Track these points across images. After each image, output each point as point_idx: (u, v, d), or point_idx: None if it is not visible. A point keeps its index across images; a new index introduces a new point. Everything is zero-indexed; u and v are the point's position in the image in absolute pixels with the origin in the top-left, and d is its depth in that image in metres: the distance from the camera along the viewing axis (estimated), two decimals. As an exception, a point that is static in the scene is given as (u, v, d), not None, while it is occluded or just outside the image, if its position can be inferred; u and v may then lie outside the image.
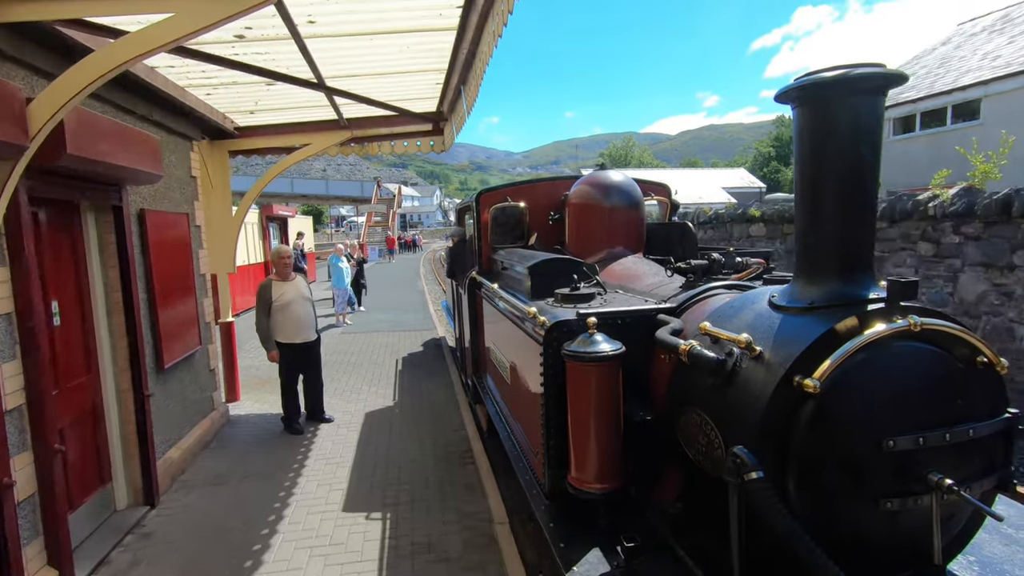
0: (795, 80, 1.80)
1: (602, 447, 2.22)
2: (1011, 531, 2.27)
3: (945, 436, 1.68)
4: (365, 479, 4.66)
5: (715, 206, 15.47)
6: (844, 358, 1.65)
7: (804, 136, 1.83)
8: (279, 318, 5.48)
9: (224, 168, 6.34)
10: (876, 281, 1.84)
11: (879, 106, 1.76)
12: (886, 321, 1.70)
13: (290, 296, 5.50)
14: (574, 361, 2.21)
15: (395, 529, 3.86)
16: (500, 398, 3.95)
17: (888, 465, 1.67)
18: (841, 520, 1.72)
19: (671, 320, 2.40)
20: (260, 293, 5.51)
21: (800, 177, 1.87)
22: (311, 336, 5.71)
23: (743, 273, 2.80)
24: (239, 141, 6.32)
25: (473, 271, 4.86)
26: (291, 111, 5.96)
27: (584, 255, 3.78)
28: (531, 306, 2.80)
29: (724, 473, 1.73)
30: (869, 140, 1.75)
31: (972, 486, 1.74)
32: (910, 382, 1.71)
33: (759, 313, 1.99)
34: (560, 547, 2.27)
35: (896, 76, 1.70)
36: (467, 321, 5.23)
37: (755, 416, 1.74)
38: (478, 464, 4.83)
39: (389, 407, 6.57)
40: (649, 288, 2.98)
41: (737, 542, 1.75)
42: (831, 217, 1.80)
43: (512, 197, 4.68)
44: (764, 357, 1.80)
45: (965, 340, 1.78)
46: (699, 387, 2.05)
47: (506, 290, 3.55)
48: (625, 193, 3.87)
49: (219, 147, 6.24)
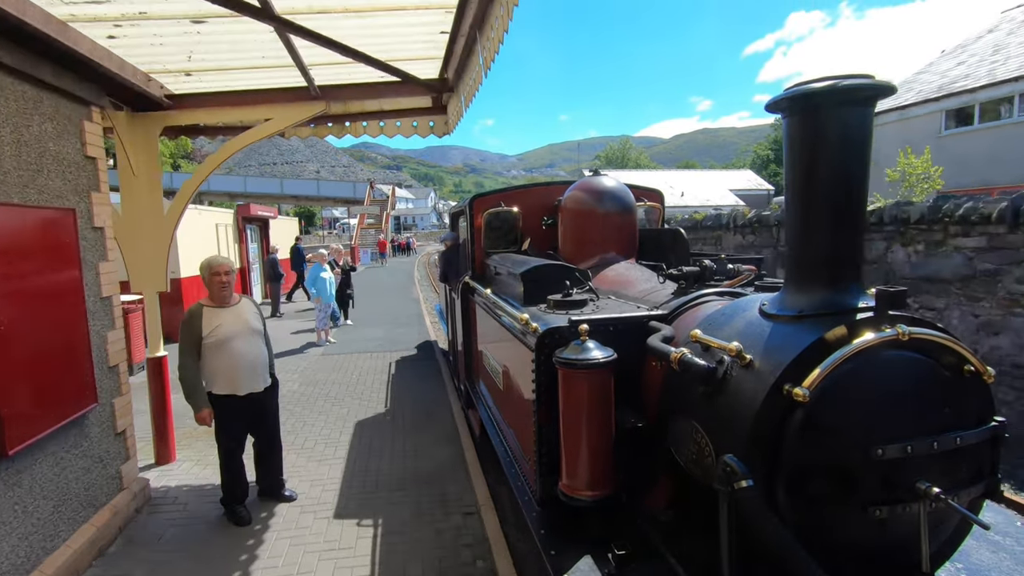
0: (785, 90, 1.82)
1: (593, 454, 2.22)
2: (998, 538, 2.29)
3: (933, 444, 1.69)
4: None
5: (723, 208, 15.03)
6: (833, 367, 1.66)
7: (794, 145, 1.84)
8: (213, 360, 3.76)
9: (152, 150, 4.76)
10: (865, 290, 1.86)
11: (868, 116, 1.77)
12: (875, 330, 1.72)
13: (229, 329, 3.79)
14: (566, 368, 2.21)
15: None
16: (492, 404, 3.94)
17: (877, 473, 1.68)
18: (830, 528, 1.73)
19: (663, 327, 2.41)
20: (185, 325, 3.80)
21: (790, 186, 1.89)
22: (260, 383, 3.94)
23: (735, 280, 2.81)
24: (173, 115, 4.78)
25: (466, 276, 4.86)
26: (242, 73, 4.56)
27: (577, 260, 3.78)
28: (523, 312, 2.80)
29: (715, 481, 1.74)
30: (858, 150, 1.76)
31: (960, 494, 1.76)
32: (898, 391, 1.73)
33: (750, 321, 2.00)
34: (551, 554, 2.26)
35: (885, 87, 1.72)
36: (460, 326, 5.22)
37: (745, 424, 1.75)
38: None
39: (376, 471, 4.77)
40: (641, 294, 2.98)
41: (727, 550, 1.75)
42: (820, 226, 1.82)
43: (505, 202, 4.68)
44: (754, 365, 1.81)
45: (952, 349, 1.80)
46: (690, 395, 2.06)
47: (499, 296, 3.55)
48: (618, 199, 3.89)
49: (145, 122, 4.69)
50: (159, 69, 4.38)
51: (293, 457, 4.96)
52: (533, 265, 3.29)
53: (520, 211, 4.65)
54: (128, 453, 4.18)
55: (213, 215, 12.96)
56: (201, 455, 5.14)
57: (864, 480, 1.69)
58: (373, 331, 11.42)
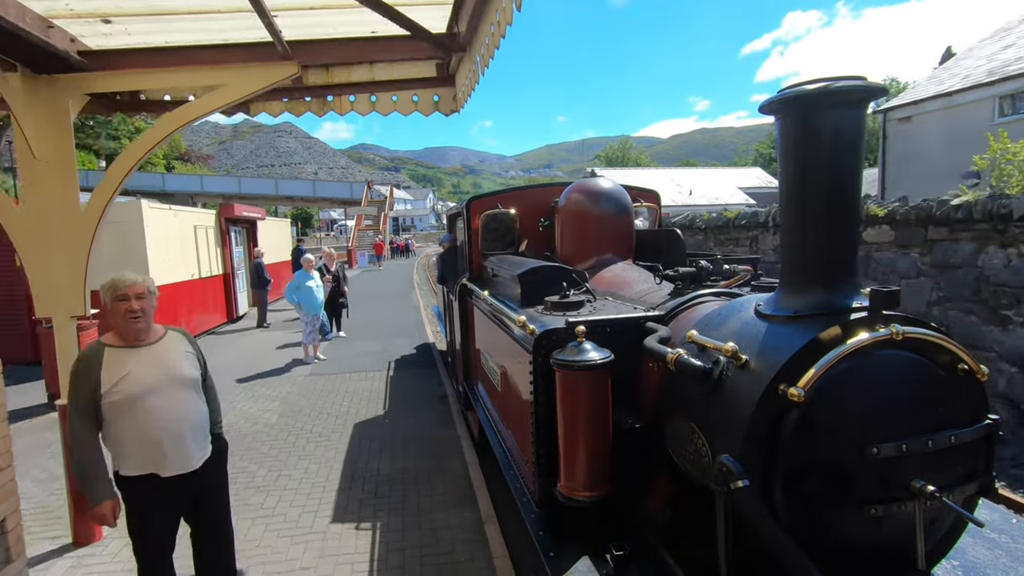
0: (778, 92, 1.83)
1: (591, 455, 2.23)
2: (994, 535, 2.30)
3: (928, 443, 1.70)
4: None
5: (732, 207, 14.08)
6: (828, 367, 1.67)
7: (788, 147, 1.85)
8: (120, 426, 2.51)
9: (62, 125, 3.61)
10: (859, 290, 1.87)
11: (861, 117, 1.78)
12: (869, 330, 1.73)
13: (143, 379, 2.52)
14: (563, 370, 2.22)
15: None
16: (491, 405, 3.95)
17: (872, 472, 1.69)
18: (827, 527, 1.74)
19: (659, 328, 2.42)
20: (74, 377, 2.54)
21: (784, 187, 1.90)
22: (195, 457, 2.66)
23: (731, 280, 2.83)
24: (92, 79, 3.64)
25: (464, 278, 4.87)
26: (183, 23, 3.46)
27: (574, 261, 3.79)
28: (521, 314, 2.81)
29: (711, 481, 1.75)
30: (851, 151, 1.77)
31: (955, 492, 1.77)
32: (893, 390, 1.74)
33: (745, 322, 2.01)
34: (550, 556, 2.27)
35: (877, 89, 1.73)
36: (458, 328, 5.23)
37: (741, 424, 1.76)
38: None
39: (367, 549, 3.55)
40: (638, 295, 3.00)
41: (725, 550, 1.76)
42: (815, 227, 1.83)
43: (502, 204, 4.69)
44: (750, 366, 1.82)
45: (946, 348, 1.81)
46: (686, 395, 2.07)
47: (496, 297, 3.55)
48: (615, 200, 3.90)
49: (50, 87, 3.54)
50: (63, 11, 3.16)
51: (258, 530, 3.60)
52: (530, 267, 3.29)
53: (517, 212, 4.66)
54: (10, 553, 2.66)
55: (191, 216, 11.51)
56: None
57: (860, 479, 1.69)
58: (368, 344, 10.27)
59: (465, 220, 4.83)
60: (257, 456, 5.09)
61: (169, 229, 10.12)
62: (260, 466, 4.93)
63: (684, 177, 33.90)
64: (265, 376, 8.20)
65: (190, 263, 10.98)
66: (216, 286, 12.32)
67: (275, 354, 9.70)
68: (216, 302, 12.31)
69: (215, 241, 12.42)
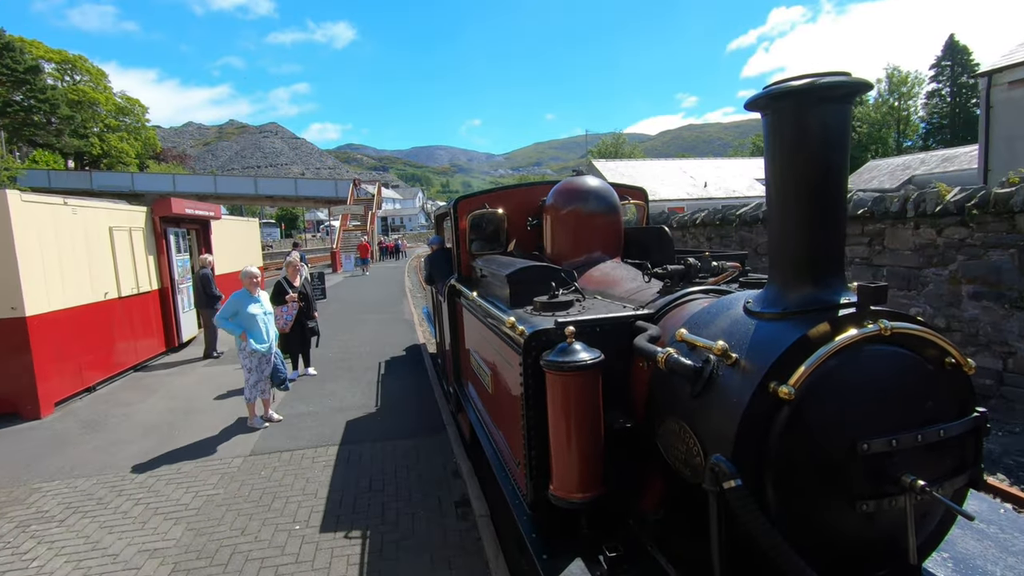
0: (764, 88, 1.82)
1: (583, 456, 2.21)
2: (983, 526, 2.32)
3: (917, 437, 1.71)
4: None
5: (752, 200, 12.86)
6: (817, 364, 1.67)
7: (774, 143, 1.85)
8: None
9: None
10: (847, 285, 1.87)
11: (846, 113, 1.78)
12: (857, 326, 1.73)
13: None
14: (553, 371, 2.20)
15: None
16: (482, 407, 3.93)
17: (863, 468, 1.69)
18: (819, 523, 1.74)
19: (649, 327, 2.41)
20: None
21: (771, 184, 1.89)
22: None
23: (719, 277, 2.82)
24: None
25: (453, 279, 4.83)
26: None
27: (563, 260, 3.78)
28: (510, 315, 2.78)
29: (704, 482, 1.74)
30: (838, 146, 1.77)
31: (944, 485, 1.78)
32: (882, 385, 1.74)
33: (735, 319, 2.00)
34: (543, 559, 2.25)
35: (862, 84, 1.73)
36: (447, 329, 5.19)
37: (732, 423, 1.75)
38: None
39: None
40: (627, 294, 2.98)
41: (718, 549, 1.75)
42: (802, 223, 1.82)
43: (490, 204, 4.66)
44: (740, 364, 1.81)
45: (933, 342, 1.82)
46: (677, 395, 2.06)
47: (485, 299, 3.53)
48: (602, 198, 3.89)
49: None
50: None
51: None
52: (519, 267, 3.27)
53: (505, 212, 4.64)
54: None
55: (103, 215, 8.32)
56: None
57: (851, 475, 1.70)
58: (346, 389, 7.24)
59: (453, 220, 4.80)
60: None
61: (63, 232, 7.22)
62: None
63: (697, 169, 31.20)
64: (181, 457, 5.26)
65: (103, 278, 8.08)
66: (147, 306, 9.32)
67: (211, 409, 6.66)
68: (148, 327, 9.36)
69: (146, 247, 9.38)
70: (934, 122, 48.46)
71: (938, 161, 26.98)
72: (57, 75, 44.28)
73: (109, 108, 46.60)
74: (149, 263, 9.49)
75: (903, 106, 48.11)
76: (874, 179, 28.27)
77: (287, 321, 7.31)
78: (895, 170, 28.45)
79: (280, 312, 7.12)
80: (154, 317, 9.61)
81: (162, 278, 9.85)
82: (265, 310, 6.02)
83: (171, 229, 10.16)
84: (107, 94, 47.08)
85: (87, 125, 43.22)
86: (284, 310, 7.26)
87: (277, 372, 6.10)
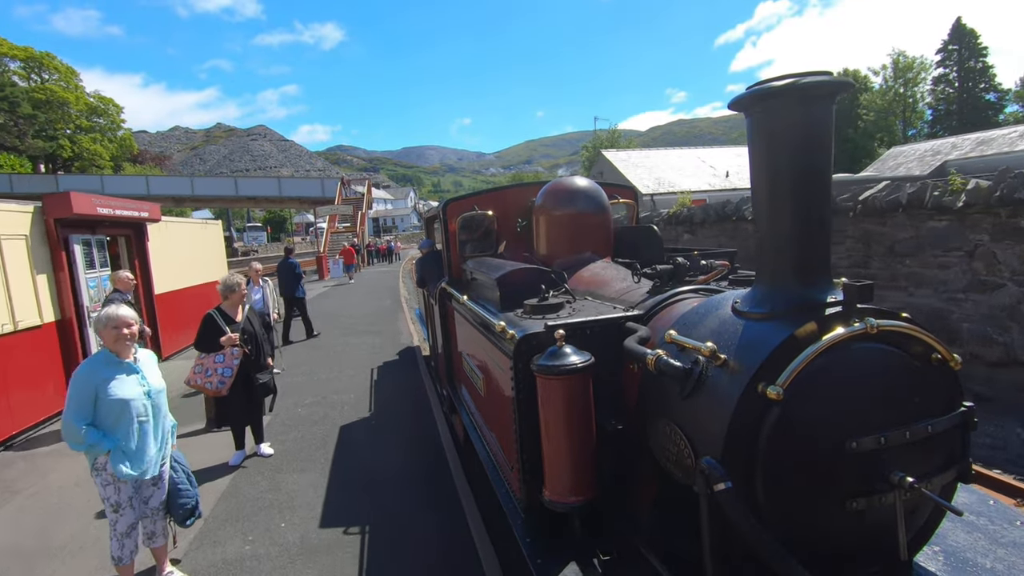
0: (747, 88, 1.82)
1: (576, 459, 2.21)
2: (972, 518, 2.34)
3: (905, 434, 1.72)
4: None
5: None
6: (805, 364, 1.67)
7: (757, 143, 1.85)
8: None
9: None
10: (833, 284, 1.87)
11: (829, 112, 1.78)
12: (844, 324, 1.73)
13: None
14: (544, 375, 2.20)
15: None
16: (475, 409, 3.92)
17: (852, 466, 1.70)
18: (810, 523, 1.74)
19: (639, 328, 2.40)
20: None
21: (756, 183, 1.90)
22: None
23: (709, 275, 2.83)
24: None
25: (443, 282, 4.81)
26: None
27: (553, 261, 3.77)
28: (500, 319, 2.77)
29: (694, 484, 1.74)
30: (821, 146, 1.77)
31: (933, 480, 1.79)
32: (870, 383, 1.75)
33: (723, 320, 2.00)
34: (537, 563, 2.25)
35: (844, 83, 1.73)
36: (439, 332, 5.17)
37: (722, 424, 1.75)
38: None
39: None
40: (617, 294, 2.98)
41: (710, 551, 1.75)
42: (787, 222, 1.82)
43: (480, 205, 4.65)
44: (729, 365, 1.81)
45: (919, 339, 1.82)
46: (667, 396, 2.06)
47: (476, 302, 3.51)
48: (591, 198, 3.88)
49: None
50: None
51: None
52: (508, 270, 3.26)
53: (495, 214, 4.62)
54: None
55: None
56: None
57: (840, 474, 1.70)
58: (317, 485, 4.55)
59: (442, 223, 4.78)
60: None
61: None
62: None
63: (717, 158, 28.72)
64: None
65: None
66: (35, 347, 6.43)
67: (78, 546, 3.83)
68: (33, 378, 6.39)
69: (34, 262, 6.58)
70: (940, 109, 46.14)
71: (973, 145, 24.10)
72: (23, 73, 41.70)
73: (80, 108, 43.23)
74: (38, 284, 6.59)
75: (909, 92, 45.70)
76: (900, 166, 25.91)
77: (224, 378, 4.70)
78: (924, 155, 25.95)
79: (213, 364, 4.71)
80: (48, 362, 6.63)
81: (62, 306, 6.90)
82: (151, 387, 3.24)
83: (76, 236, 7.44)
84: (78, 93, 43.71)
85: (56, 126, 40.73)
86: (219, 360, 4.73)
87: (178, 495, 3.39)
